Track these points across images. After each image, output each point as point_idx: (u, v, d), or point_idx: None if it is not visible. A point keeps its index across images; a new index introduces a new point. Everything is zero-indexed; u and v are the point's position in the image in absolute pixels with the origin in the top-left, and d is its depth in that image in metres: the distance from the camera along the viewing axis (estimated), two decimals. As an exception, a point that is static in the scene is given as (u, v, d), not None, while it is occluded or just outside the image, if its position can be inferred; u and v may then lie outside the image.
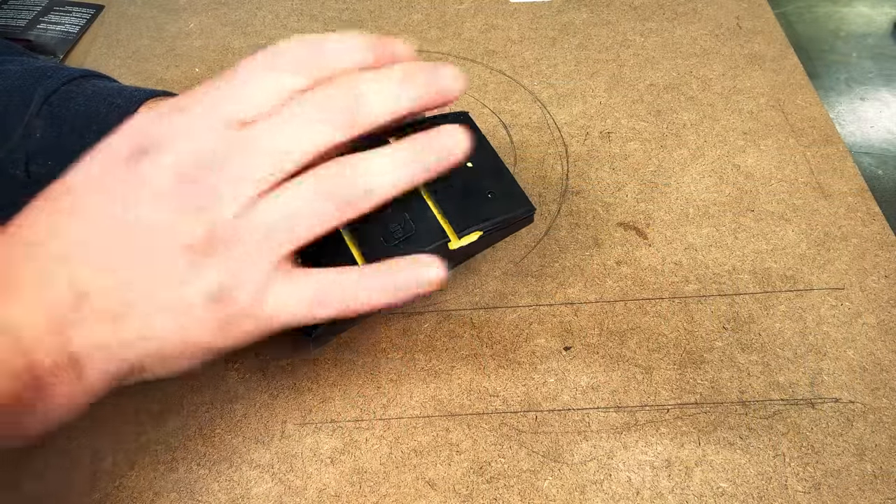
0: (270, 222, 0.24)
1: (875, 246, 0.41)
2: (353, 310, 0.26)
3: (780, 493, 0.32)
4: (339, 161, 0.25)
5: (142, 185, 0.24)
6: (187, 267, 0.24)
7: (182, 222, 0.24)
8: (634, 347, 0.37)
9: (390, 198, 0.26)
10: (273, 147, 0.24)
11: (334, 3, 0.61)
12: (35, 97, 0.37)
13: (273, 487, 0.33)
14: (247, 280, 0.25)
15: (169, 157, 0.24)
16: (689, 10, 0.59)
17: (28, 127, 0.37)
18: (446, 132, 0.26)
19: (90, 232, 0.24)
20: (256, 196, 0.24)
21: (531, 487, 0.33)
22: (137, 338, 0.24)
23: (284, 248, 0.25)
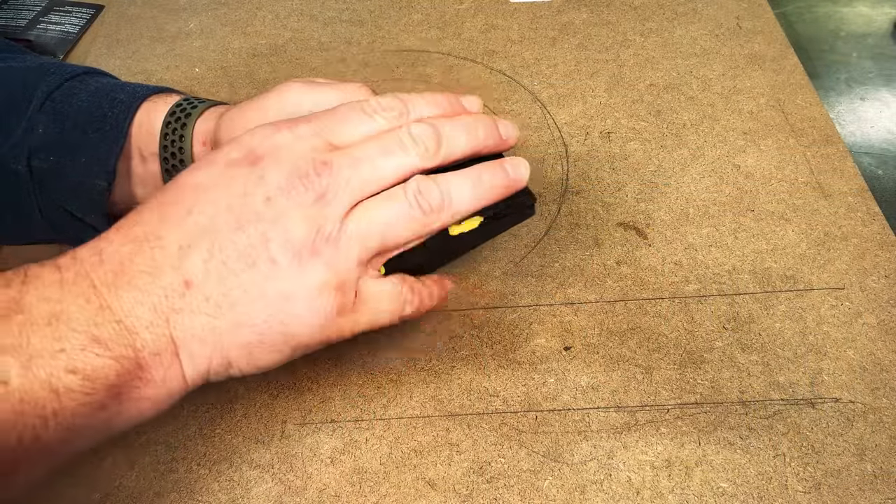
0: (366, 227, 0.27)
1: (875, 246, 0.41)
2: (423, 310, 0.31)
3: (780, 493, 0.32)
4: (427, 178, 0.28)
5: (260, 182, 0.26)
6: (291, 262, 0.26)
7: (291, 221, 0.26)
8: (634, 347, 0.37)
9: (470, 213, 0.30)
10: (372, 163, 0.28)
11: (334, 4, 0.61)
12: (37, 93, 0.37)
13: (273, 487, 0.33)
14: (345, 279, 0.27)
15: (283, 163, 0.27)
16: (689, 10, 0.59)
17: (31, 122, 0.37)
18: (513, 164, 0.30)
19: (207, 222, 0.26)
20: (355, 203, 0.27)
21: (531, 487, 0.33)
22: (234, 326, 0.26)
23: (377, 250, 0.28)
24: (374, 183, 0.28)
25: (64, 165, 0.36)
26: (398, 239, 0.28)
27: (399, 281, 0.30)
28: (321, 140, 0.28)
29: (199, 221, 0.26)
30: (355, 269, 0.27)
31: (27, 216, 0.38)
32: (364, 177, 0.27)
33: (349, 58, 0.56)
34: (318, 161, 0.27)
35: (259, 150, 0.27)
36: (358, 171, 0.27)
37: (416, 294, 0.30)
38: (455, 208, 0.29)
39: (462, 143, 0.29)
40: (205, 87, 0.54)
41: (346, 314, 0.28)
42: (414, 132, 0.29)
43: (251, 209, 0.26)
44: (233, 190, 0.26)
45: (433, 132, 0.29)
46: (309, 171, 0.27)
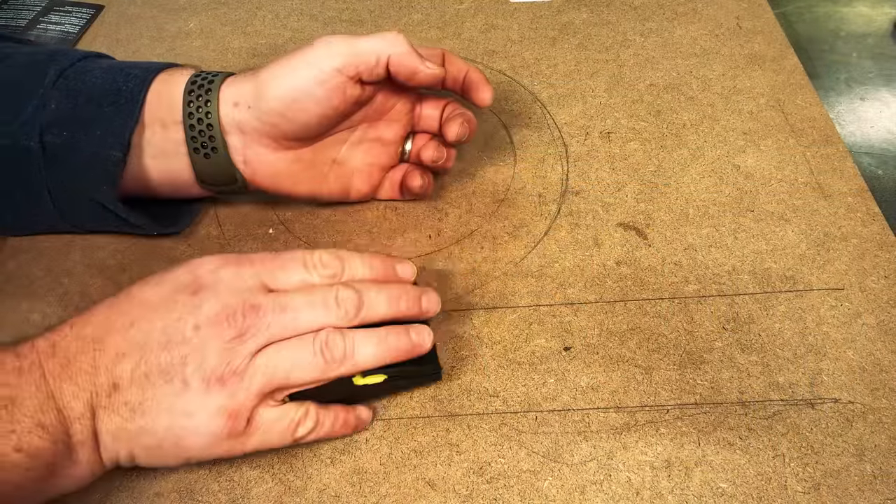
0: (274, 365, 0.31)
1: (875, 246, 0.41)
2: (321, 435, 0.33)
3: (780, 494, 0.32)
4: (336, 332, 0.32)
5: (194, 311, 0.31)
6: (199, 386, 0.30)
7: (209, 350, 0.30)
8: (634, 347, 0.37)
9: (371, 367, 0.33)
10: (295, 314, 0.31)
11: (334, 3, 0.61)
12: (50, 71, 0.38)
13: (273, 487, 0.33)
14: (241, 407, 0.30)
15: (219, 297, 0.31)
16: (689, 10, 0.59)
17: (43, 99, 0.37)
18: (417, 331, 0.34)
19: (143, 338, 0.30)
20: (269, 343, 0.31)
21: (531, 488, 0.33)
22: (140, 430, 0.30)
23: (279, 386, 0.31)
24: (290, 330, 0.31)
25: (78, 140, 0.37)
26: (300, 379, 0.31)
27: (295, 408, 0.32)
28: (257, 281, 0.32)
29: (136, 336, 0.30)
30: (254, 399, 0.31)
31: (36, 196, 0.38)
32: (283, 324, 0.31)
33: (349, 58, 0.56)
34: (248, 304, 0.31)
35: (203, 281, 0.32)
36: (280, 318, 0.31)
37: (314, 420, 0.32)
38: (356, 361, 0.32)
39: (382, 311, 0.33)
40: (205, 87, 0.54)
41: (236, 437, 0.31)
42: (340, 296, 0.32)
43: (180, 333, 0.30)
44: (171, 314, 0.31)
45: (356, 300, 0.32)
46: (237, 311, 0.31)
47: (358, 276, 0.34)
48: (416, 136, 0.44)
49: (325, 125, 0.38)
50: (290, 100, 0.36)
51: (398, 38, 0.37)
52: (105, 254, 0.42)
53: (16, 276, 0.42)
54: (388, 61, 0.37)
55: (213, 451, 0.31)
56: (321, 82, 0.36)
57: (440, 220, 0.44)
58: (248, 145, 0.38)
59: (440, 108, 0.43)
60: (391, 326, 0.33)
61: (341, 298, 0.32)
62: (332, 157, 0.41)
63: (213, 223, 0.44)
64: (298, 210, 0.45)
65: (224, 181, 0.40)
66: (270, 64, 0.37)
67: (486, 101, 0.42)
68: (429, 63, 0.37)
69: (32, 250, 0.43)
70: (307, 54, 0.36)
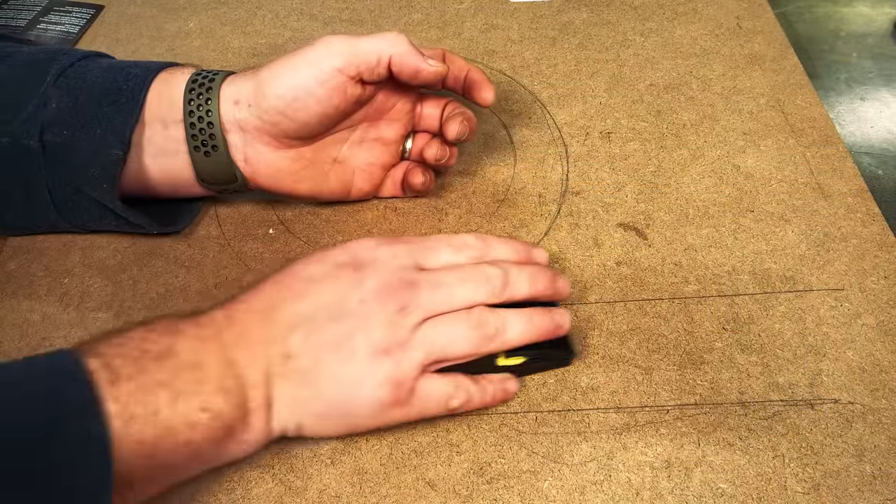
0: (432, 339, 0.32)
1: (875, 246, 0.41)
2: (471, 407, 0.34)
3: (780, 494, 0.32)
4: (488, 310, 0.33)
5: (358, 286, 0.32)
6: (367, 356, 0.31)
7: (375, 322, 0.31)
8: (634, 348, 0.37)
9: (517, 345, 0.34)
10: (449, 290, 0.33)
11: (334, 3, 0.61)
12: (51, 70, 0.38)
13: (273, 488, 0.33)
14: (405, 377, 0.32)
15: (380, 274, 0.33)
16: (689, 10, 0.59)
17: (43, 97, 0.37)
18: (560, 314, 0.35)
19: (312, 310, 0.32)
20: (428, 317, 0.32)
21: (531, 488, 0.33)
22: (312, 397, 0.31)
23: (436, 359, 0.32)
24: (445, 305, 0.33)
25: (78, 139, 0.37)
26: (456, 353, 0.33)
27: (450, 380, 0.33)
28: (412, 260, 0.34)
29: (305, 309, 0.32)
30: (416, 369, 0.32)
31: (36, 195, 0.38)
32: (439, 300, 0.33)
33: (349, 58, 0.56)
34: (406, 280, 0.33)
35: (362, 259, 0.33)
36: (435, 294, 0.33)
37: (466, 392, 0.33)
38: (506, 338, 0.33)
39: (524, 290, 0.34)
40: (205, 86, 0.54)
41: (399, 406, 0.32)
42: (489, 273, 0.34)
43: (347, 306, 0.32)
44: (336, 288, 0.32)
45: (503, 277, 0.34)
46: (398, 286, 0.32)
47: (500, 256, 0.36)
48: (417, 135, 0.44)
49: (325, 124, 0.38)
50: (291, 98, 0.36)
51: (399, 38, 0.37)
52: (105, 254, 0.42)
53: (16, 276, 0.42)
54: (390, 61, 0.37)
55: (378, 419, 0.32)
56: (322, 82, 0.36)
57: (440, 220, 0.44)
58: (249, 143, 0.38)
59: (441, 107, 0.43)
60: (535, 308, 0.35)
61: (490, 275, 0.34)
62: (333, 156, 0.41)
63: (213, 223, 0.44)
64: (298, 210, 0.45)
65: (224, 180, 0.40)
66: (271, 63, 0.37)
67: (488, 100, 0.42)
68: (431, 60, 0.37)
69: (32, 250, 0.43)
70: (308, 53, 0.37)
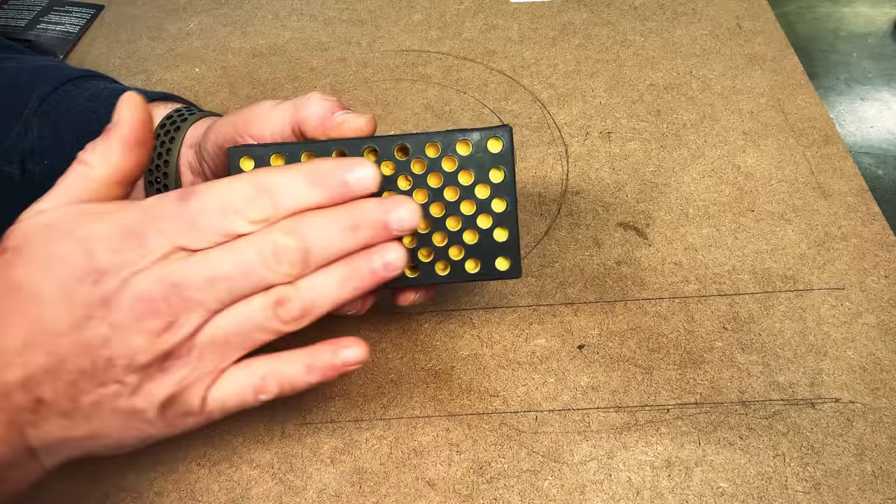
0: (222, 338, 0.26)
1: (875, 246, 0.41)
2: (290, 391, 0.28)
3: (780, 494, 0.32)
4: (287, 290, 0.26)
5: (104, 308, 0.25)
6: (138, 380, 0.26)
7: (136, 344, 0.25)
8: (634, 347, 0.37)
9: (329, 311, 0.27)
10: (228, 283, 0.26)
11: (334, 3, 0.61)
12: (33, 96, 0.37)
13: (273, 487, 0.33)
14: (194, 388, 0.27)
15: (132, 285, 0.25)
16: (689, 10, 0.59)
17: (25, 125, 0.37)
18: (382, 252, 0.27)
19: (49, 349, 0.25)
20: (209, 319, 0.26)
21: (531, 487, 0.33)
22: (87, 435, 0.26)
23: (234, 356, 0.27)
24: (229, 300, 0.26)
25: (58, 169, 0.36)
26: (259, 342, 0.27)
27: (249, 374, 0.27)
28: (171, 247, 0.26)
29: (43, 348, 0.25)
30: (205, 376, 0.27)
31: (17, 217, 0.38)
32: (219, 297, 0.26)
33: (349, 58, 0.56)
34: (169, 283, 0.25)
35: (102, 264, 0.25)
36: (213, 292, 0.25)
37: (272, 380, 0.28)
38: (317, 313, 0.27)
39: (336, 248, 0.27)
40: (205, 86, 0.54)
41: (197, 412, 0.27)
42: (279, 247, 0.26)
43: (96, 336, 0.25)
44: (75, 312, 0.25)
45: (299, 250, 0.26)
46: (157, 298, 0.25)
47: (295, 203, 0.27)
48: None
49: None
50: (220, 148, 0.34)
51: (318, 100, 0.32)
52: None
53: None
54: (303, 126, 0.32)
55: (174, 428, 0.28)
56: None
57: (440, 219, 0.44)
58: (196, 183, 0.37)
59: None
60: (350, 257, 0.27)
61: (280, 251, 0.26)
62: None
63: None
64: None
65: None
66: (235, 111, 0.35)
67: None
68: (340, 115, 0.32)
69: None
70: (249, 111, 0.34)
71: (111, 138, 0.28)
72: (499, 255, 0.30)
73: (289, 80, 0.54)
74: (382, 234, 0.27)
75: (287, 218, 0.26)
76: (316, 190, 0.27)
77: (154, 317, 0.25)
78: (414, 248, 0.31)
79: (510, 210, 0.30)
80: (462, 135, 0.30)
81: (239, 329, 0.26)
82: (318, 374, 0.28)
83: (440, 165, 0.30)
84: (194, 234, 0.26)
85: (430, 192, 0.30)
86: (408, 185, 0.30)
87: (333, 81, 0.54)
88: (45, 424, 0.26)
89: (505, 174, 0.30)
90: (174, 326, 0.25)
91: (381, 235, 0.27)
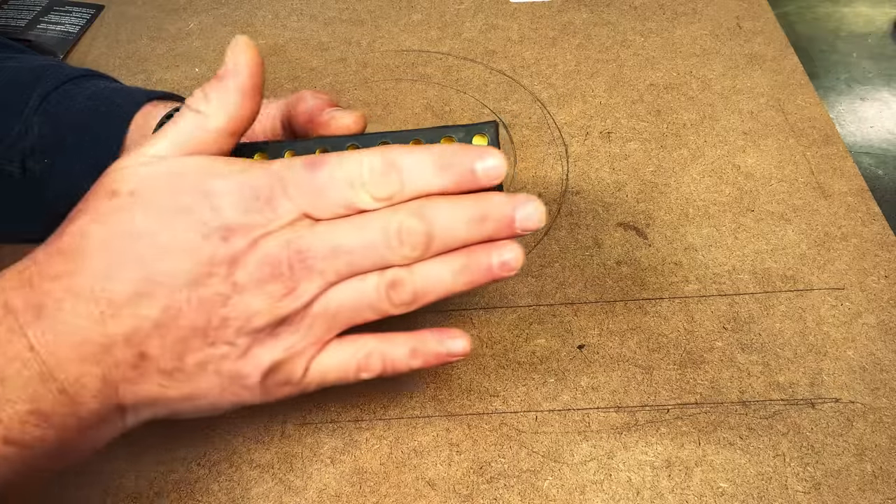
0: (333, 311, 0.26)
1: (875, 246, 0.41)
2: (391, 373, 0.28)
3: (780, 493, 0.32)
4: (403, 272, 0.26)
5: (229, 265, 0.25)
6: (248, 343, 0.25)
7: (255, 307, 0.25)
8: (634, 347, 0.37)
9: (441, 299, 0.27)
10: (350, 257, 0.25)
11: (334, 3, 0.61)
12: (34, 95, 0.37)
13: (273, 487, 0.33)
14: (299, 357, 0.27)
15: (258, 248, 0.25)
16: (689, 10, 0.59)
17: (26, 124, 0.37)
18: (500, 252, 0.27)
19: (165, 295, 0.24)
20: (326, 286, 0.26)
21: (531, 487, 0.33)
22: (183, 396, 0.26)
23: (338, 330, 0.27)
24: (347, 273, 0.26)
25: (58, 169, 0.36)
26: (364, 320, 0.27)
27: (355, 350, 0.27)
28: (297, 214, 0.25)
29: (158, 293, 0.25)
30: (310, 347, 0.27)
31: (18, 217, 0.38)
32: (338, 269, 0.26)
33: (349, 58, 0.56)
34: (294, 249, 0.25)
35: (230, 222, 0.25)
36: (333, 264, 0.25)
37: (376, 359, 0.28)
38: (426, 301, 0.27)
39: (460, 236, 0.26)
40: (205, 87, 0.54)
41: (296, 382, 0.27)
42: (404, 229, 0.25)
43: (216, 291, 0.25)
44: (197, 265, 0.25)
45: (423, 234, 0.25)
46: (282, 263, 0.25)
47: (423, 187, 0.26)
48: None
49: None
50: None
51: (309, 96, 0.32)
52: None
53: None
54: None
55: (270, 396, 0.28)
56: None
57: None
58: None
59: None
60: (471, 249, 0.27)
61: (404, 233, 0.25)
62: None
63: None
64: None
65: None
66: None
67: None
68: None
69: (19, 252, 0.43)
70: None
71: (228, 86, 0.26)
72: None
73: (289, 80, 0.54)
74: (506, 230, 0.26)
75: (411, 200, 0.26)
76: (443, 174, 0.26)
77: (277, 281, 0.25)
78: None
79: None
80: (447, 131, 0.29)
81: (351, 304, 0.26)
82: (421, 360, 0.28)
83: None
84: (321, 203, 0.25)
85: None
86: None
87: (333, 81, 0.54)
88: (144, 382, 0.25)
89: None
90: (294, 293, 0.25)
91: (504, 231, 0.26)
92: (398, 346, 0.28)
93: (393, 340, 0.28)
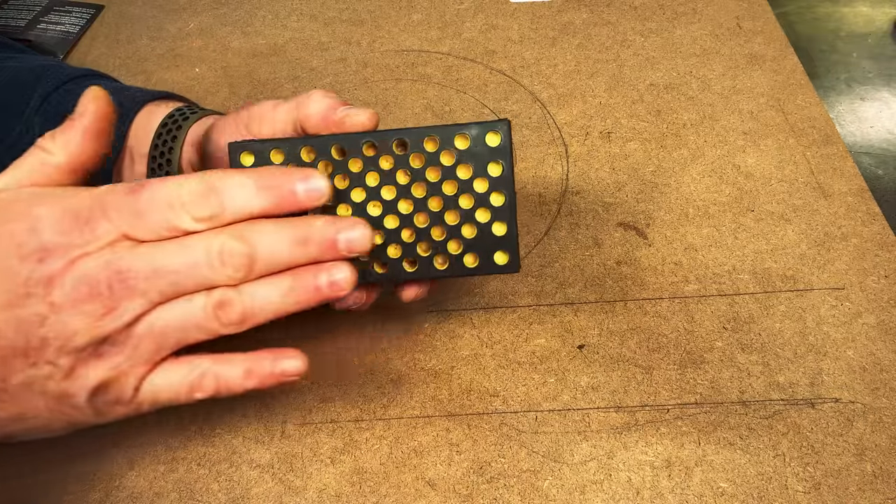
0: (159, 330, 0.26)
1: (875, 246, 0.41)
2: (225, 394, 0.28)
3: (780, 493, 0.32)
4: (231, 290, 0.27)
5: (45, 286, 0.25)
6: (71, 363, 0.26)
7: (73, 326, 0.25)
8: (634, 347, 0.37)
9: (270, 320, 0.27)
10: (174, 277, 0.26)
11: (334, 4, 0.61)
12: (35, 95, 0.37)
13: (273, 487, 0.33)
14: (127, 377, 0.27)
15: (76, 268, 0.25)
16: (689, 10, 0.59)
17: (27, 124, 0.37)
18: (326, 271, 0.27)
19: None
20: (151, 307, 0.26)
21: (531, 487, 0.33)
22: (11, 417, 0.26)
23: (168, 351, 0.27)
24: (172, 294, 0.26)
25: None
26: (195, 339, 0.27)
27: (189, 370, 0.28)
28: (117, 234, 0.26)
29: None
30: (139, 366, 0.27)
31: None
32: (162, 289, 0.26)
33: (349, 58, 0.56)
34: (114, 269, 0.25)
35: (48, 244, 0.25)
36: (156, 284, 0.26)
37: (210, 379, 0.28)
38: (256, 321, 0.27)
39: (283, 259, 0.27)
40: (205, 86, 0.54)
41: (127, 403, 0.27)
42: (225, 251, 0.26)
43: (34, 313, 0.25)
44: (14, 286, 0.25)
45: (245, 256, 0.26)
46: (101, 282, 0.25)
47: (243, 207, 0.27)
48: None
49: None
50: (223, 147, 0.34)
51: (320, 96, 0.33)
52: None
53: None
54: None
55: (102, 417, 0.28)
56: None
57: (440, 219, 0.44)
58: None
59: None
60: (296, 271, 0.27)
61: (226, 254, 0.26)
62: None
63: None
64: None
65: None
66: (234, 111, 0.35)
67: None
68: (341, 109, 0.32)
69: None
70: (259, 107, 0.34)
71: (73, 128, 0.28)
72: (497, 249, 0.31)
73: (289, 80, 0.54)
74: (330, 253, 0.27)
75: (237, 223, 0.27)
76: (263, 195, 0.27)
77: (95, 300, 0.25)
78: (383, 244, 0.31)
79: (508, 204, 0.30)
80: (460, 129, 0.30)
81: (178, 324, 0.26)
82: (256, 380, 0.28)
83: (439, 159, 0.30)
84: (141, 224, 0.26)
85: (429, 186, 0.30)
86: (406, 179, 0.30)
87: (333, 81, 0.54)
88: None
89: (503, 168, 0.30)
90: (114, 312, 0.25)
91: (328, 253, 0.27)
92: (233, 366, 0.28)
93: (229, 361, 0.28)
